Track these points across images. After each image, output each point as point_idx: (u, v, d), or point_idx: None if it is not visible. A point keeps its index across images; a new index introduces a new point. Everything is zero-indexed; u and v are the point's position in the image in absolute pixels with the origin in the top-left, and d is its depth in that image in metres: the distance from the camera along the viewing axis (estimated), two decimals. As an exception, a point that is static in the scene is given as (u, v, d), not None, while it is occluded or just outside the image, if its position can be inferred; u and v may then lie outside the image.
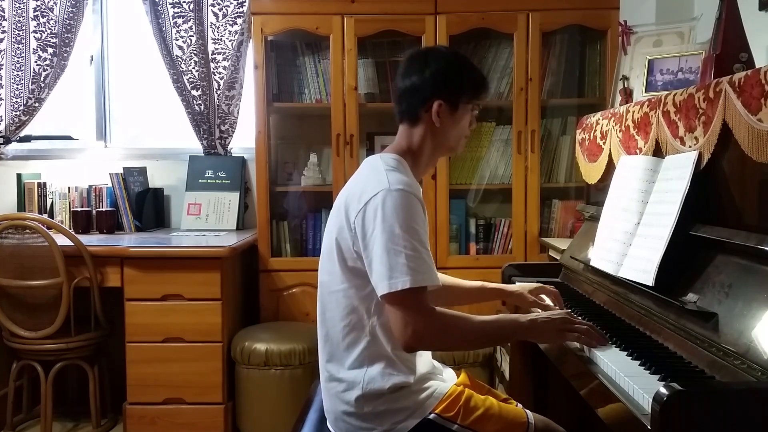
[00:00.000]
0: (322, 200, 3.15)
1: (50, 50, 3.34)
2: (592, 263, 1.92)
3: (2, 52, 3.34)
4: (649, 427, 1.11)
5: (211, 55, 3.33)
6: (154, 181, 3.45)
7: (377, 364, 1.52)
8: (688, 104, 1.60)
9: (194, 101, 3.33)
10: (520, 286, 1.95)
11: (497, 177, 3.11)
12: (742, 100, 1.36)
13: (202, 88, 3.31)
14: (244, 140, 3.39)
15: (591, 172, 2.32)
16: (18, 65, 3.35)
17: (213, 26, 3.33)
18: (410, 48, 3.04)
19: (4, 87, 3.36)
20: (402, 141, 1.63)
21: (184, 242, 2.89)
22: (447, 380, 1.66)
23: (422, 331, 1.41)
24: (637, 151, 1.90)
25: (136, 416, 2.78)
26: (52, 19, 3.33)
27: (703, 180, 1.54)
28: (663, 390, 1.06)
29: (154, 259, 2.72)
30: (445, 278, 1.91)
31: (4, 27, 3.33)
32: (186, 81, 3.32)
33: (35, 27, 3.34)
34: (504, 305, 2.29)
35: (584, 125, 2.42)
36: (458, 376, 1.73)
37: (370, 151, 3.16)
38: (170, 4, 3.30)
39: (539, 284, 1.92)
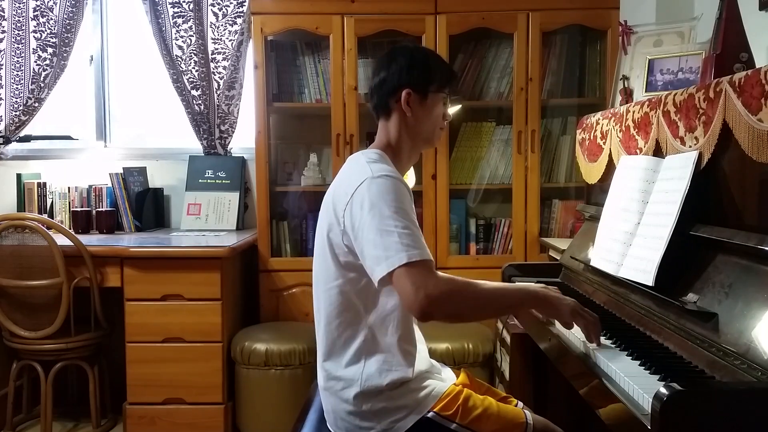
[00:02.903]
0: (321, 200, 3.13)
1: (50, 50, 3.34)
2: (592, 263, 1.92)
3: (2, 52, 3.34)
4: (649, 427, 1.11)
5: (211, 55, 3.33)
6: (154, 181, 3.45)
7: (374, 359, 1.52)
8: (689, 104, 1.60)
9: (194, 101, 3.33)
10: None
11: (497, 177, 3.11)
12: (743, 100, 1.36)
13: (202, 88, 3.31)
14: (244, 140, 3.39)
15: (591, 172, 2.32)
16: (18, 65, 3.35)
17: (213, 26, 3.33)
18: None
19: (3, 87, 3.36)
20: (381, 137, 1.66)
21: (184, 242, 2.89)
22: (446, 379, 1.66)
23: (435, 293, 1.37)
24: (638, 151, 1.90)
25: (136, 416, 2.78)
26: (51, 18, 3.33)
27: (703, 180, 1.54)
28: (663, 390, 1.06)
29: (154, 259, 2.72)
30: None
31: (3, 27, 3.33)
32: (186, 81, 3.32)
33: (35, 27, 3.34)
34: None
35: (584, 125, 2.41)
36: (457, 375, 1.73)
37: (370, 151, 3.16)
38: (170, 3, 3.30)
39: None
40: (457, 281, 1.44)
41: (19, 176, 3.33)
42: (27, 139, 3.40)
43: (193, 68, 3.31)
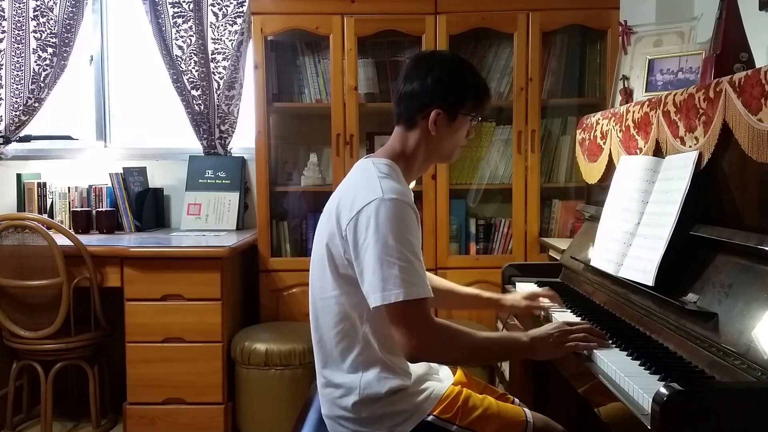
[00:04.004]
0: (322, 200, 3.13)
1: (50, 50, 3.34)
2: (592, 263, 1.92)
3: (2, 52, 3.34)
4: (648, 427, 1.11)
5: (211, 54, 3.33)
6: (154, 181, 3.45)
7: (372, 369, 1.51)
8: (689, 104, 1.60)
9: (194, 101, 3.33)
10: (516, 295, 1.94)
11: (497, 177, 3.11)
12: (743, 100, 1.36)
13: (202, 88, 3.31)
14: (244, 140, 3.39)
15: (591, 172, 2.32)
16: (18, 65, 3.35)
17: (213, 26, 3.32)
18: (410, 48, 3.04)
19: (3, 87, 3.36)
20: (396, 144, 1.60)
21: (184, 242, 2.89)
22: (443, 379, 1.66)
23: (427, 344, 1.40)
24: (638, 151, 1.90)
25: (136, 416, 2.77)
26: (51, 18, 3.33)
27: (703, 180, 1.54)
28: (663, 390, 1.06)
29: (154, 259, 2.72)
30: (440, 282, 1.91)
31: (3, 27, 3.33)
32: (186, 81, 3.31)
33: (35, 27, 3.34)
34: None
35: (584, 125, 2.42)
36: (454, 374, 1.73)
37: (370, 151, 3.15)
38: (170, 3, 3.30)
39: (533, 291, 1.92)
40: (450, 331, 1.44)
41: (19, 176, 3.33)
42: (27, 139, 3.40)
43: (193, 68, 3.31)
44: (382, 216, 1.41)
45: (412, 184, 2.94)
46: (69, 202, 3.30)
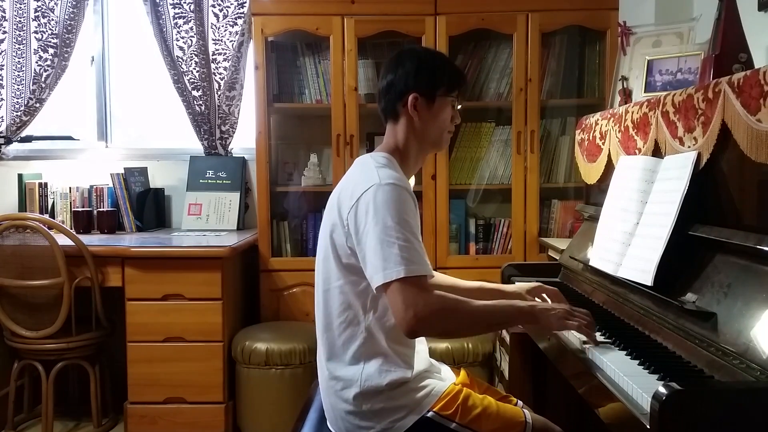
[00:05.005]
0: (322, 200, 3.13)
1: (51, 51, 3.34)
2: (591, 263, 1.93)
3: (3, 53, 3.35)
4: (648, 427, 1.12)
5: (212, 55, 3.34)
6: (155, 181, 3.46)
7: (374, 360, 1.53)
8: (687, 105, 1.61)
9: (195, 102, 3.33)
10: (519, 286, 1.95)
11: (497, 177, 3.12)
12: (741, 100, 1.37)
13: (203, 88, 3.32)
14: (244, 140, 3.39)
15: (590, 173, 2.33)
16: (19, 66, 3.35)
17: (213, 27, 3.33)
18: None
19: (5, 87, 3.37)
20: (389, 140, 1.66)
21: (184, 242, 2.90)
22: (445, 379, 1.67)
23: (424, 313, 1.39)
24: (637, 151, 1.90)
25: (137, 416, 2.78)
26: (53, 19, 3.34)
27: (702, 180, 1.55)
28: (662, 389, 1.07)
29: (155, 259, 2.73)
30: (443, 278, 1.92)
31: (5, 27, 3.34)
32: (187, 81, 3.32)
33: (36, 27, 3.34)
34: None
35: (583, 125, 2.42)
36: (457, 374, 1.74)
37: (370, 151, 3.16)
38: (171, 4, 3.30)
39: (538, 284, 1.92)
40: (447, 300, 1.46)
41: (20, 176, 3.34)
42: (28, 139, 3.41)
43: (194, 69, 3.31)
44: (380, 199, 1.45)
45: (412, 182, 2.96)
46: (70, 202, 3.31)
